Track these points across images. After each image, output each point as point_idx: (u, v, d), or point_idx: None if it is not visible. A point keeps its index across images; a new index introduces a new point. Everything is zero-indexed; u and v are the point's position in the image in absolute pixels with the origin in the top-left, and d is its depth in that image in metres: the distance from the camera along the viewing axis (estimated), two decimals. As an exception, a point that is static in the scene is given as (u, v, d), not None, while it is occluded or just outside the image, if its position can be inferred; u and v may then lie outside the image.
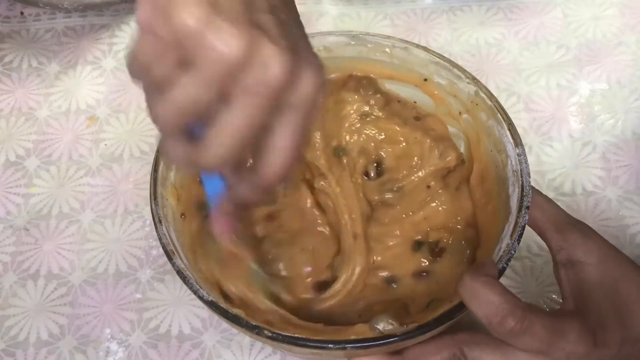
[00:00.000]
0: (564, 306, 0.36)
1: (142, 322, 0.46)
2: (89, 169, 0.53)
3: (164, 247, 0.37)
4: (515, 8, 0.60)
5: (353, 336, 0.35)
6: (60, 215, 0.51)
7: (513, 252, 0.36)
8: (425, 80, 0.46)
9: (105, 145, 0.54)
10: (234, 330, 0.44)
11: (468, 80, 0.43)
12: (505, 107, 0.41)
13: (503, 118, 0.41)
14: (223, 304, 0.35)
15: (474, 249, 0.42)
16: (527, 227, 0.37)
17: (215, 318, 0.46)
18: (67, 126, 0.55)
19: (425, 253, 0.43)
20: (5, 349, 0.45)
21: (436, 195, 0.44)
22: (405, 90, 0.47)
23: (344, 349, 0.34)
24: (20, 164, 0.54)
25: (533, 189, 0.38)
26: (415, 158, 0.46)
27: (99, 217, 0.51)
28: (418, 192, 0.45)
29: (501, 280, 0.34)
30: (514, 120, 0.41)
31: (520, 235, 0.36)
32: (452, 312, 0.34)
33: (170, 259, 0.37)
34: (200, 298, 0.36)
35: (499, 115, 0.41)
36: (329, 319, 0.40)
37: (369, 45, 0.46)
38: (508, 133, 0.40)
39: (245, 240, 0.40)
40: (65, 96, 0.57)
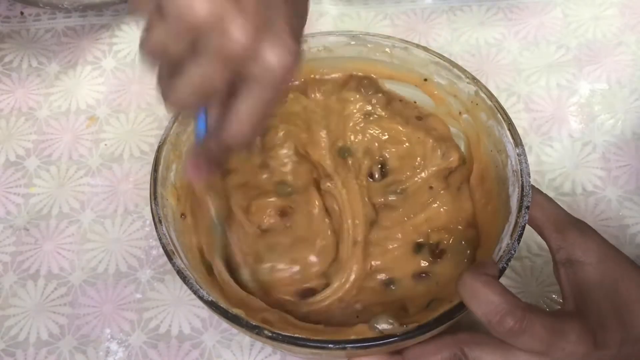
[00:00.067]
0: (564, 306, 0.36)
1: (142, 322, 0.46)
2: (89, 169, 0.53)
3: (164, 247, 0.37)
4: (515, 8, 0.60)
5: (353, 336, 0.35)
6: (60, 215, 0.51)
7: (513, 252, 0.36)
8: (425, 80, 0.46)
9: (105, 145, 0.54)
10: (234, 330, 0.44)
11: (468, 80, 0.43)
12: (505, 107, 0.41)
13: (503, 118, 0.41)
14: (223, 303, 0.35)
15: (474, 249, 0.42)
16: (527, 227, 0.37)
17: (215, 318, 0.46)
18: (67, 126, 0.56)
19: (425, 255, 0.42)
20: (5, 349, 0.45)
21: (438, 196, 0.44)
22: (405, 90, 0.47)
23: (344, 349, 0.34)
24: (20, 164, 0.54)
25: (533, 187, 0.38)
26: (418, 158, 0.45)
27: (99, 217, 0.51)
28: (421, 194, 0.44)
29: (501, 280, 0.34)
30: (514, 120, 0.41)
31: (520, 235, 0.36)
32: (452, 312, 0.34)
33: (170, 259, 0.37)
34: (200, 298, 0.36)
35: (499, 115, 0.41)
36: (318, 319, 0.39)
37: (369, 45, 0.46)
38: (508, 133, 0.40)
39: (216, 193, 0.42)
40: (65, 96, 0.57)
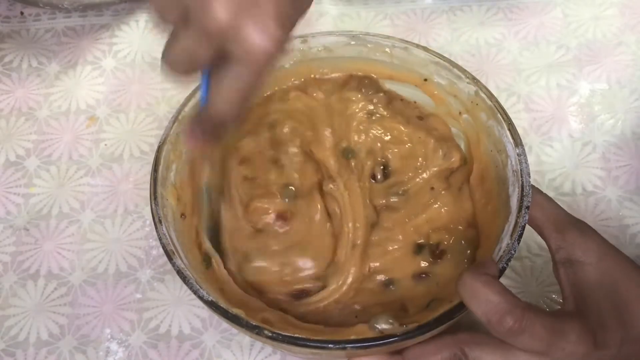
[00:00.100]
0: (564, 306, 0.36)
1: (142, 322, 0.46)
2: (89, 169, 0.53)
3: (164, 247, 0.37)
4: (515, 8, 0.60)
5: (353, 336, 0.35)
6: (60, 215, 0.51)
7: (513, 252, 0.36)
8: (425, 80, 0.46)
9: (105, 145, 0.54)
10: (234, 330, 0.44)
11: (468, 80, 0.43)
12: (505, 107, 0.41)
13: (503, 118, 0.41)
14: (223, 304, 0.35)
15: (474, 249, 0.42)
16: (527, 227, 0.37)
17: (215, 318, 0.46)
18: (67, 126, 0.56)
19: (425, 255, 0.42)
20: (5, 349, 0.45)
21: (439, 196, 0.43)
22: (405, 91, 0.47)
23: (344, 349, 0.34)
24: (20, 164, 0.54)
25: (533, 187, 0.38)
26: (420, 159, 0.45)
27: (99, 217, 0.51)
28: (422, 194, 0.44)
29: (501, 281, 0.34)
30: (514, 120, 0.41)
31: (520, 235, 0.36)
32: (452, 312, 0.34)
33: (170, 259, 0.37)
34: (200, 298, 0.36)
35: (499, 115, 0.41)
36: (316, 319, 0.39)
37: (369, 45, 0.46)
38: (508, 133, 0.40)
39: (212, 164, 0.44)
40: (65, 96, 0.57)
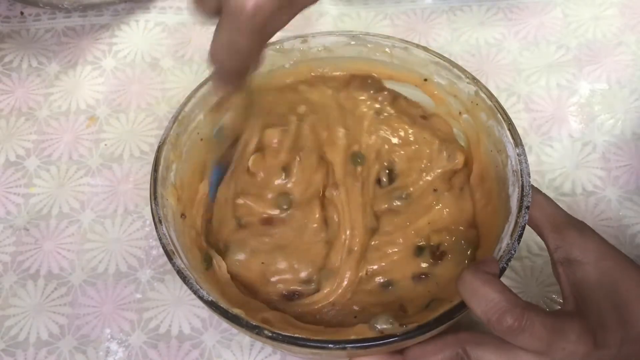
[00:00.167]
0: (564, 306, 0.36)
1: (142, 322, 0.46)
2: (89, 169, 0.53)
3: (164, 247, 0.37)
4: (515, 8, 0.60)
5: (353, 336, 0.35)
6: (60, 215, 0.51)
7: (513, 252, 0.36)
8: (425, 80, 0.46)
9: (105, 145, 0.54)
10: (234, 330, 0.44)
11: (468, 80, 0.43)
12: (505, 107, 0.41)
13: (503, 118, 0.41)
14: (223, 304, 0.35)
15: (474, 249, 0.42)
16: (527, 227, 0.37)
17: (215, 318, 0.46)
18: (67, 126, 0.56)
19: (426, 257, 0.42)
20: (5, 349, 0.45)
21: (442, 198, 0.43)
22: (405, 91, 0.47)
23: (344, 349, 0.34)
24: (20, 164, 0.54)
25: (533, 187, 0.38)
26: (425, 160, 0.45)
27: (99, 217, 0.51)
28: (425, 197, 0.44)
29: (501, 281, 0.34)
30: (514, 120, 0.41)
31: (520, 235, 0.36)
32: (452, 312, 0.34)
33: (170, 259, 0.37)
34: (200, 298, 0.36)
35: (499, 115, 0.41)
36: (314, 319, 0.39)
37: (369, 45, 0.46)
38: (508, 133, 0.40)
39: (234, 113, 0.45)
40: (65, 96, 0.57)
